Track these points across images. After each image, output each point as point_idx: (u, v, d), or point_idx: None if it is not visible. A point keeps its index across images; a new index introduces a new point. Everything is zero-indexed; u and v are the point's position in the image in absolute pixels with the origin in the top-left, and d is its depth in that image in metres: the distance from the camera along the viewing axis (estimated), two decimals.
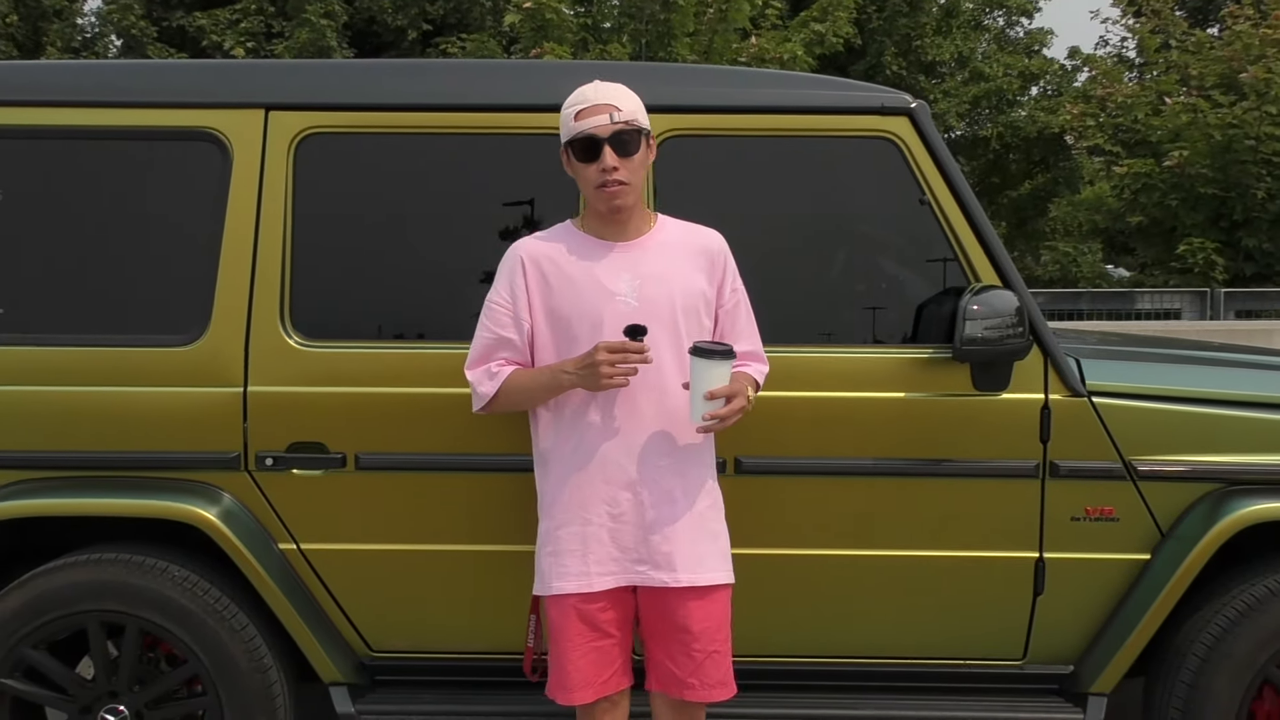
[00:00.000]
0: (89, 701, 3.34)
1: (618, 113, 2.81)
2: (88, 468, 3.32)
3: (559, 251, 2.90)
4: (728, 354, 2.76)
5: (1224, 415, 3.30)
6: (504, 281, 2.92)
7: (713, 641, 2.89)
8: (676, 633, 2.88)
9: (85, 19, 22.22)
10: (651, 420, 2.86)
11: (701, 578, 2.86)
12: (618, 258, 2.88)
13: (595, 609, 2.86)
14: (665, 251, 2.91)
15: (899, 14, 22.36)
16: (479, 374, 2.93)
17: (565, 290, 2.87)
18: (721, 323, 2.96)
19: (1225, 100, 15.53)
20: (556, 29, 15.01)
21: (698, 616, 2.87)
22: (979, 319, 3.11)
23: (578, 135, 2.82)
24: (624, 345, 2.74)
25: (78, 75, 3.60)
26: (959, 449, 3.26)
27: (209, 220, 3.33)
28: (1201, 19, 22.88)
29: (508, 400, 2.93)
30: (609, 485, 2.85)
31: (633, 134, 2.82)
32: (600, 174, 2.80)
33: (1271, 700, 3.29)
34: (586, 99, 2.83)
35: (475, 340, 2.94)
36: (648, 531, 2.85)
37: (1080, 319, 13.72)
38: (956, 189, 3.28)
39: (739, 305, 2.99)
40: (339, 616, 3.37)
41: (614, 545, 2.86)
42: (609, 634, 2.89)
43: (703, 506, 2.91)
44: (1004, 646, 3.37)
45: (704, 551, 2.88)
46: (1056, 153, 23.70)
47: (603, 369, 2.73)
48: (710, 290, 2.93)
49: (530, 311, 2.90)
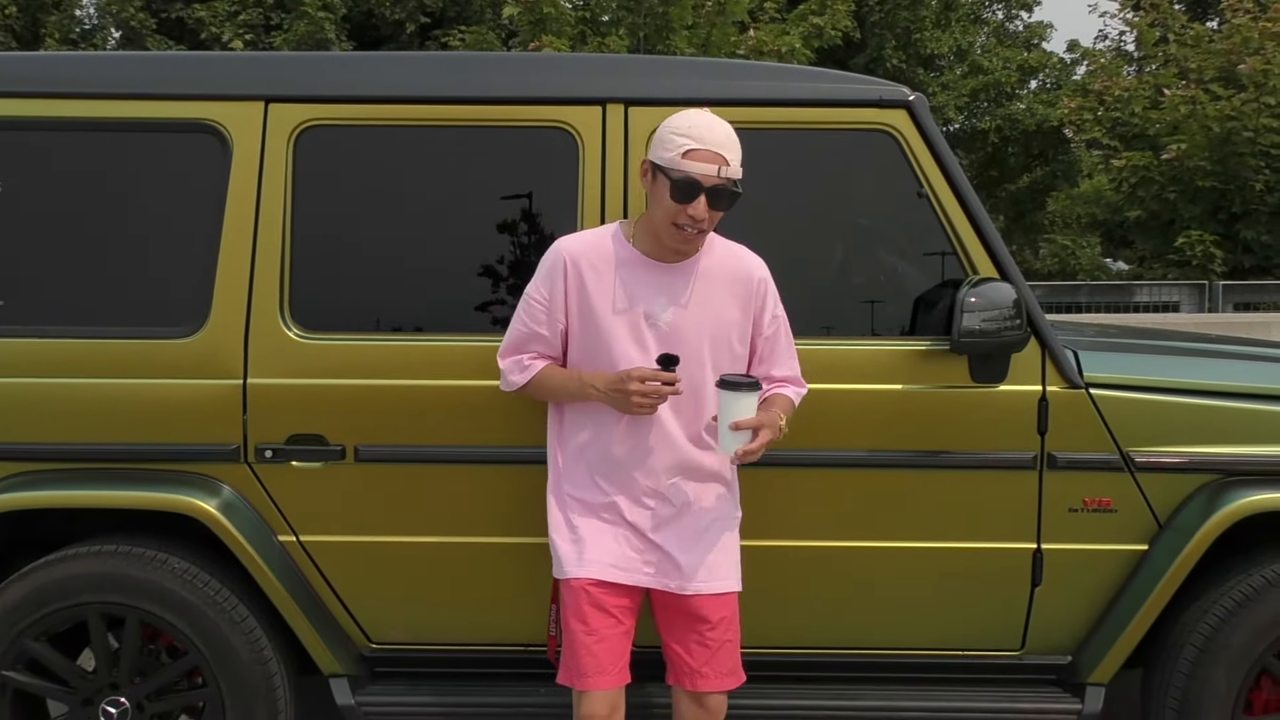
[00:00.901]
0: (90, 693, 3.34)
1: (726, 168, 2.79)
2: (88, 460, 3.32)
3: (603, 259, 2.91)
4: (753, 386, 2.80)
5: (1221, 406, 3.31)
6: (544, 279, 2.94)
7: (728, 631, 2.96)
8: (694, 623, 2.95)
9: (84, 10, 22.17)
10: (675, 438, 2.92)
11: (710, 586, 2.94)
12: (659, 279, 2.90)
13: (609, 596, 2.90)
14: (705, 279, 2.92)
15: (899, 7, 22.37)
16: (510, 363, 2.99)
17: (602, 300, 2.89)
18: (761, 349, 3.00)
19: (1224, 93, 15.53)
20: (555, 22, 15.01)
21: (713, 607, 2.94)
22: (977, 311, 3.11)
23: (680, 175, 2.78)
24: (656, 375, 2.79)
25: (77, 67, 3.60)
26: (957, 441, 3.26)
27: (209, 212, 3.33)
28: (1200, 12, 22.85)
29: (535, 392, 3.00)
30: (628, 492, 2.92)
31: (731, 193, 2.82)
32: (685, 218, 2.80)
33: (1269, 690, 3.30)
34: (702, 140, 2.79)
35: (510, 330, 2.99)
36: (663, 540, 2.92)
37: (1078, 312, 13.72)
38: (955, 182, 3.29)
39: (779, 332, 3.01)
40: (338, 608, 3.38)
41: (629, 546, 2.93)
42: (621, 622, 2.93)
43: (718, 520, 2.98)
44: (1002, 637, 3.38)
45: (715, 561, 2.95)
46: (1055, 146, 23.73)
47: (634, 398, 2.79)
48: (745, 320, 2.96)
49: (566, 313, 2.93)
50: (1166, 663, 3.29)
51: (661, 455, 2.92)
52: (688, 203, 2.79)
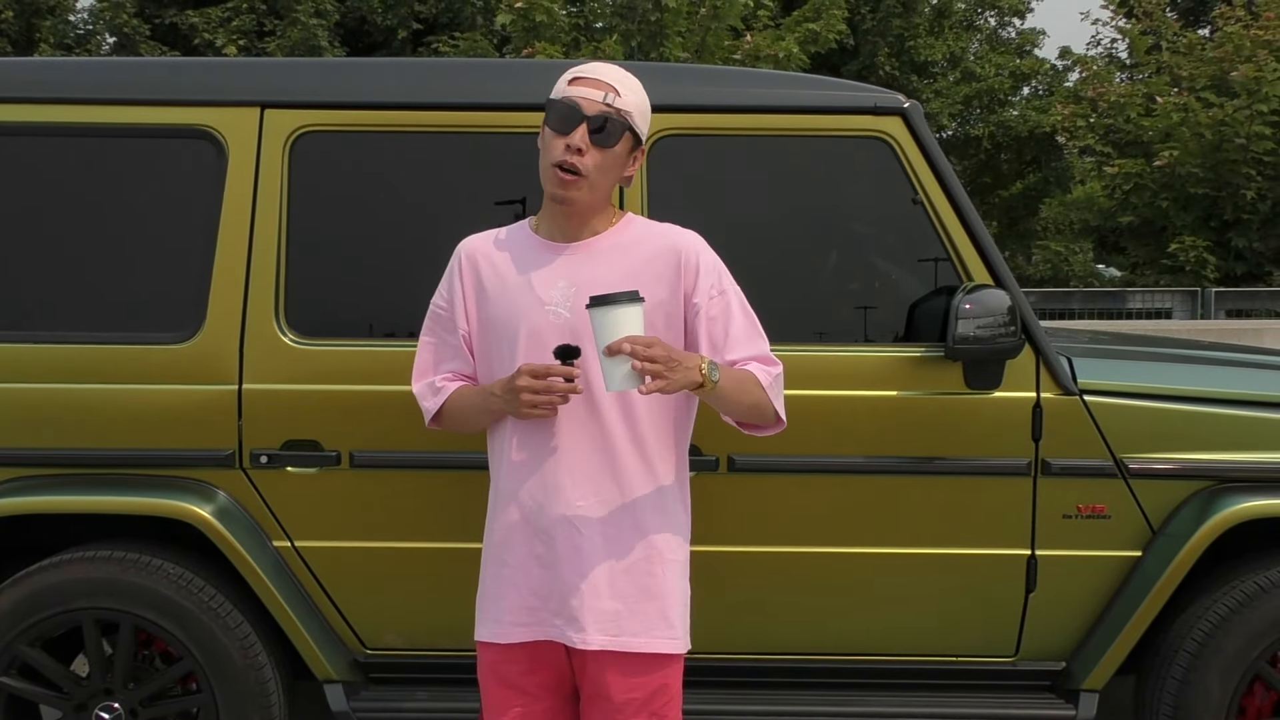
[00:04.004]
0: (84, 699, 3.33)
1: (615, 96, 2.43)
2: (82, 465, 3.32)
3: (501, 252, 2.55)
4: (631, 299, 2.29)
5: (1214, 413, 3.31)
6: (444, 281, 2.62)
7: (639, 714, 2.45)
8: (595, 698, 2.48)
9: (78, 16, 22.14)
10: (581, 452, 2.45)
11: (618, 642, 2.43)
12: (558, 262, 2.49)
13: (514, 668, 2.51)
14: (615, 255, 2.49)
15: (892, 14, 22.42)
16: (423, 388, 2.61)
17: (497, 295, 2.51)
18: (705, 331, 2.50)
19: (1216, 100, 15.57)
20: (548, 28, 15.00)
21: (618, 686, 2.44)
22: (971, 318, 3.12)
23: (561, 98, 2.44)
24: (549, 370, 2.37)
25: (72, 72, 3.60)
26: (951, 447, 3.27)
27: (204, 217, 3.33)
28: (1193, 20, 22.93)
29: (452, 421, 2.61)
30: (529, 524, 2.47)
31: (619, 125, 2.44)
32: (563, 151, 2.41)
33: (1262, 695, 3.31)
34: (590, 70, 2.48)
35: (419, 348, 2.64)
36: (563, 579, 2.45)
37: (1071, 318, 13.75)
38: (949, 188, 3.29)
39: (729, 311, 2.52)
40: (333, 614, 3.38)
41: (531, 594, 2.47)
42: (536, 697, 2.52)
43: (637, 557, 2.46)
44: (996, 643, 3.38)
45: (631, 610, 2.45)
46: (1048, 152, 23.77)
47: (523, 396, 2.36)
48: (673, 299, 2.49)
49: (467, 316, 2.57)
50: (1160, 669, 3.29)
51: (570, 477, 2.44)
52: (567, 132, 2.41)
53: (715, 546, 3.24)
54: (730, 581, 3.29)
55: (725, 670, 3.39)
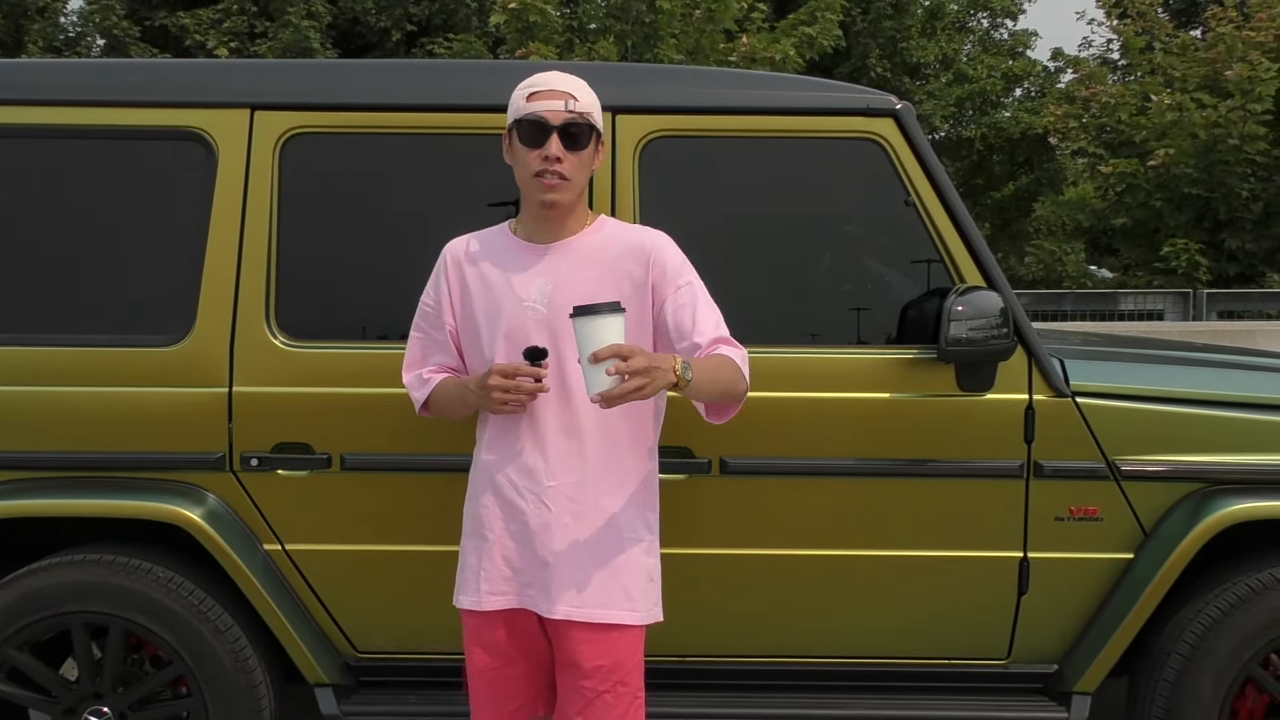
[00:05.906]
0: (73, 703, 3.33)
1: (574, 102, 2.64)
2: (72, 468, 3.31)
3: (483, 253, 2.76)
4: (613, 309, 2.43)
5: (1206, 415, 3.31)
6: (431, 281, 2.83)
7: (605, 682, 2.65)
8: (567, 666, 2.68)
9: (67, 18, 22.10)
10: (554, 436, 2.66)
11: (582, 612, 2.63)
12: (536, 261, 2.70)
13: (491, 632, 2.72)
14: (588, 254, 2.70)
15: (884, 16, 22.43)
16: (412, 379, 2.84)
17: (480, 294, 2.72)
18: (672, 319, 2.68)
19: (1210, 101, 15.59)
20: (542, 30, 14.99)
21: (588, 653, 2.65)
22: (964, 320, 3.12)
23: (527, 116, 2.64)
24: (517, 370, 2.55)
25: (62, 74, 3.59)
26: (944, 449, 3.27)
27: (194, 220, 3.32)
28: (1186, 20, 22.96)
29: (439, 409, 2.83)
30: (506, 501, 2.69)
31: (585, 128, 2.66)
32: (541, 162, 2.62)
33: (1254, 698, 3.31)
34: (543, 83, 2.67)
35: (409, 342, 2.86)
36: (535, 553, 2.66)
37: (1064, 320, 13.73)
38: (941, 190, 3.29)
39: (694, 300, 2.70)
40: (324, 617, 3.37)
41: (506, 565, 2.69)
42: (512, 660, 2.73)
43: (600, 535, 2.67)
44: (988, 646, 3.38)
45: (593, 583, 2.64)
46: (1040, 153, 23.79)
47: (494, 394, 2.55)
48: (641, 292, 2.69)
49: (453, 314, 2.78)
50: (1152, 671, 3.29)
51: (544, 459, 2.65)
52: (540, 145, 2.62)
53: (705, 549, 3.24)
54: (721, 584, 3.29)
55: (717, 673, 3.38)
